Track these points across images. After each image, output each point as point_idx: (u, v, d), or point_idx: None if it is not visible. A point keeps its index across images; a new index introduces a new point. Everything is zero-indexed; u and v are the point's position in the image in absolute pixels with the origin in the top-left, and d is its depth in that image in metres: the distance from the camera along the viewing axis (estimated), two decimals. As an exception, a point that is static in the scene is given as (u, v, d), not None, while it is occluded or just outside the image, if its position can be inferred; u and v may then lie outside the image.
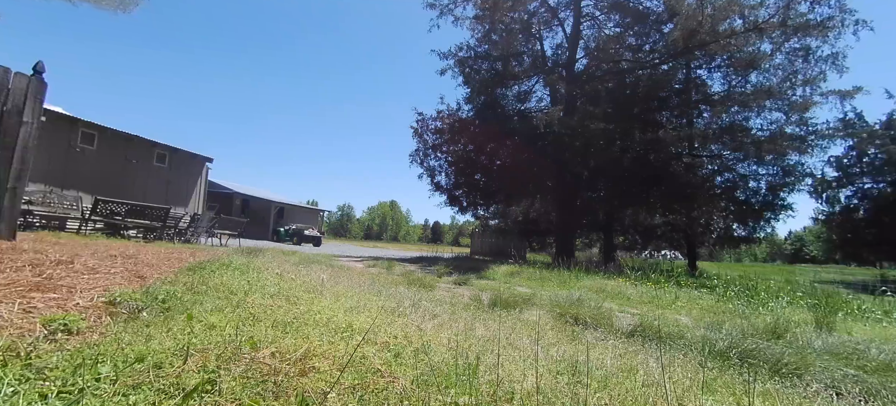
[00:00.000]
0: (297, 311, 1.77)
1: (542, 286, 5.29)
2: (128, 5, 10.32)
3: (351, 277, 3.64)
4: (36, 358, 1.12)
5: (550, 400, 1.06)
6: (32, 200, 8.49)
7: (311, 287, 2.48)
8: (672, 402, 1.10)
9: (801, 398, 1.33)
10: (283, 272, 3.07)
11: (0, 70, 3.60)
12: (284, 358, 1.20)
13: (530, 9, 17.77)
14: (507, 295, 3.20)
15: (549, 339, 1.81)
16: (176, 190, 17.23)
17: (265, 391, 1.00)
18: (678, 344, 1.91)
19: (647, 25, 15.80)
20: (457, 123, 17.20)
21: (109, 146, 14.83)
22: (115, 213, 8.12)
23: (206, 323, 1.49)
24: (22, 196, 3.90)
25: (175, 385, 1.00)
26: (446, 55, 18.68)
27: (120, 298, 1.83)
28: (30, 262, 2.47)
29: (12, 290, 1.79)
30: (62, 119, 13.56)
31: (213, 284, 2.31)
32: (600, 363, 1.43)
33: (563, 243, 15.81)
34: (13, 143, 3.67)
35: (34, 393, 0.91)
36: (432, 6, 18.28)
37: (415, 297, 2.71)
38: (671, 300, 4.70)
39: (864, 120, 19.04)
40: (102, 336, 1.37)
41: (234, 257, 3.78)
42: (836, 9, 13.13)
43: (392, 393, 1.05)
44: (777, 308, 4.81)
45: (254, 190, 29.57)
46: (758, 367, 1.63)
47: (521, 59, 18.52)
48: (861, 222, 19.61)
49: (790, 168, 15.20)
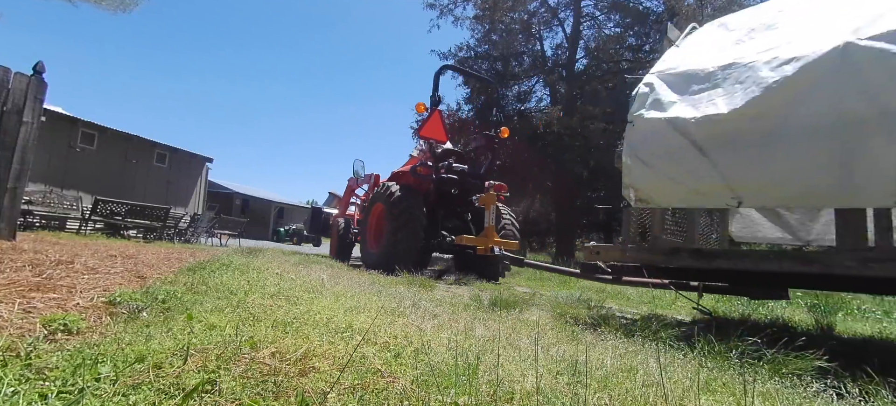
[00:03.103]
0: (297, 311, 1.77)
1: (543, 286, 5.29)
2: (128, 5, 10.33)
3: (351, 277, 3.64)
4: (36, 358, 1.12)
5: (550, 400, 1.06)
6: (32, 200, 8.50)
7: (311, 287, 2.48)
8: (672, 402, 1.10)
9: (802, 398, 1.33)
10: (283, 272, 3.08)
11: (0, 70, 3.60)
12: (284, 358, 1.20)
13: (530, 9, 17.78)
14: (506, 295, 3.20)
15: (549, 339, 1.81)
16: (176, 190, 17.23)
17: (265, 391, 1.00)
18: (678, 344, 1.91)
19: (648, 25, 15.81)
20: (457, 123, 17.21)
21: (109, 146, 14.83)
22: (115, 213, 8.12)
23: (206, 323, 1.50)
24: (22, 196, 3.91)
25: (175, 385, 1.00)
26: (446, 55, 18.70)
27: (120, 298, 1.83)
28: (30, 262, 2.47)
29: (12, 290, 1.79)
30: (62, 119, 13.56)
31: (213, 284, 2.31)
32: (600, 363, 1.43)
33: (563, 243, 15.81)
34: (13, 143, 3.67)
35: (34, 393, 0.91)
36: (432, 6, 18.30)
37: (415, 297, 2.71)
38: (671, 300, 4.71)
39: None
40: (102, 336, 1.37)
41: (234, 257, 3.78)
42: None
43: (392, 393, 1.05)
44: (777, 308, 4.81)
45: (254, 190, 29.58)
46: (758, 367, 1.63)
47: (521, 59, 18.53)
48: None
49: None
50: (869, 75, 2.00)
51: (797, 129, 2.27)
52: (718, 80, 2.67)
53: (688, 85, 2.81)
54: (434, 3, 18.19)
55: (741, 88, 2.49)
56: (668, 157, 2.74)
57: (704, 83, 2.74)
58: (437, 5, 18.18)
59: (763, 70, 2.44)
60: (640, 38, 16.42)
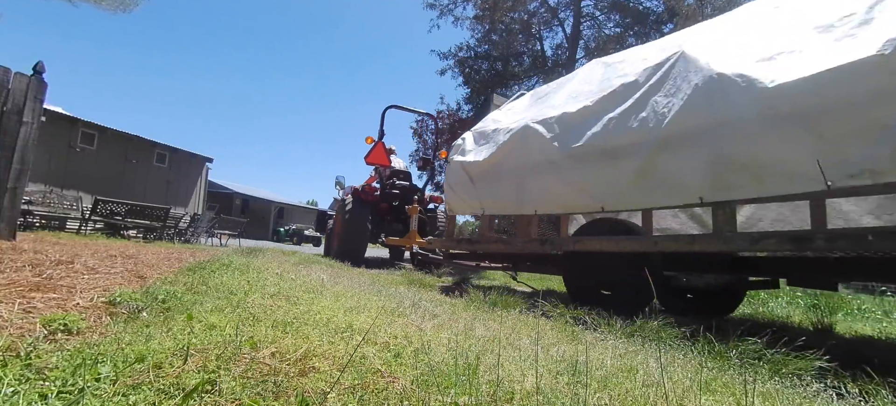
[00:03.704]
0: (297, 311, 1.77)
1: (543, 286, 5.29)
2: (128, 5, 10.33)
3: (351, 277, 3.64)
4: (36, 358, 1.12)
5: (550, 400, 1.06)
6: (32, 200, 8.49)
7: (311, 287, 2.48)
8: (672, 402, 1.10)
9: (802, 398, 1.33)
10: (283, 272, 3.07)
11: (0, 70, 3.60)
12: (284, 358, 1.20)
13: (530, 9, 17.77)
14: (507, 295, 3.20)
15: (549, 339, 1.81)
16: (176, 190, 17.23)
17: (265, 391, 1.00)
18: (678, 344, 1.91)
19: (647, 25, 15.79)
20: (457, 123, 17.22)
21: (109, 146, 14.83)
22: (115, 213, 8.12)
23: (206, 323, 1.49)
24: (22, 196, 3.90)
25: (175, 385, 1.00)
26: (446, 55, 18.71)
27: (120, 298, 1.83)
28: (30, 262, 2.47)
29: (12, 290, 1.79)
30: (62, 119, 13.56)
31: (213, 284, 2.31)
32: (600, 363, 1.43)
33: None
34: (13, 143, 3.67)
35: (34, 393, 0.91)
36: (432, 6, 18.29)
37: (415, 297, 2.71)
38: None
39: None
40: (102, 336, 1.37)
41: (234, 257, 3.78)
42: (836, 9, 13.11)
43: (392, 393, 1.05)
44: (777, 308, 4.81)
45: (254, 190, 29.57)
46: (758, 367, 1.63)
47: (521, 59, 18.53)
48: (861, 222, 19.58)
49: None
50: (533, 142, 3.55)
51: (504, 171, 3.91)
52: (488, 138, 4.26)
53: (478, 140, 4.45)
54: (434, 3, 18.18)
55: (492, 145, 4.11)
56: (460, 185, 4.49)
57: (482, 140, 4.36)
58: (437, 5, 18.17)
59: (501, 135, 4.02)
60: (640, 38, 16.41)
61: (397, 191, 7.30)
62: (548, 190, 3.47)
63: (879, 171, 1.84)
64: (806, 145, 2.02)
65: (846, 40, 2.02)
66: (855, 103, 1.87)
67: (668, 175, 2.62)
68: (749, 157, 2.25)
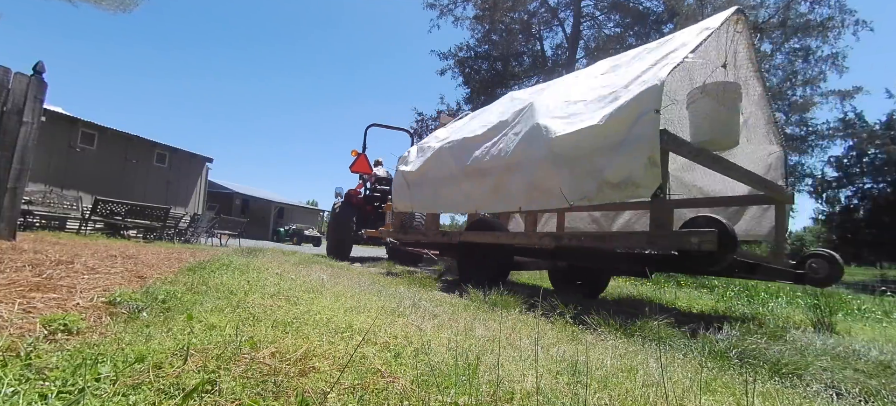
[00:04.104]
0: (297, 311, 1.77)
1: (543, 286, 5.28)
2: (128, 5, 10.32)
3: (351, 277, 3.64)
4: (36, 358, 1.12)
5: (550, 400, 1.06)
6: (32, 200, 8.49)
7: (311, 287, 2.48)
8: (672, 402, 1.10)
9: (802, 398, 1.33)
10: (283, 272, 3.07)
11: (0, 70, 3.60)
12: (284, 358, 1.20)
13: (530, 9, 17.74)
14: (507, 295, 3.20)
15: (549, 339, 1.81)
16: (176, 190, 17.22)
17: (265, 391, 1.00)
18: (678, 344, 1.91)
19: (647, 25, 15.76)
20: (456, 123, 17.20)
21: (109, 146, 14.82)
22: (115, 213, 8.12)
23: (206, 323, 1.49)
24: (22, 196, 3.90)
25: (175, 385, 1.00)
26: (446, 55, 18.68)
27: (120, 298, 1.83)
28: (30, 262, 2.47)
29: (12, 290, 1.79)
30: (62, 119, 13.55)
31: (213, 284, 2.31)
32: (600, 363, 1.43)
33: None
34: (13, 143, 3.67)
35: (34, 393, 0.91)
36: (432, 6, 18.25)
37: (415, 297, 2.71)
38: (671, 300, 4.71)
39: (865, 120, 19.01)
40: (102, 336, 1.37)
41: (234, 257, 3.78)
42: (836, 9, 13.13)
43: (392, 393, 1.05)
44: (777, 308, 4.81)
45: (254, 190, 29.55)
46: (758, 367, 1.63)
47: (521, 60, 18.50)
48: (861, 222, 19.58)
49: (790, 168, 15.19)
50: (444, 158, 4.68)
51: (426, 180, 4.98)
52: (424, 151, 5.20)
53: (418, 154, 5.38)
54: (434, 3, 18.15)
55: (424, 157, 5.10)
56: (400, 188, 5.47)
57: (420, 153, 5.31)
58: (437, 5, 18.14)
59: (429, 151, 5.00)
60: (640, 38, 16.38)
61: (378, 194, 8.71)
62: (450, 196, 4.63)
63: (591, 197, 2.96)
64: (564, 177, 3.12)
65: (599, 109, 2.99)
66: (586, 154, 2.97)
67: (508, 190, 3.73)
68: (541, 182, 3.35)
